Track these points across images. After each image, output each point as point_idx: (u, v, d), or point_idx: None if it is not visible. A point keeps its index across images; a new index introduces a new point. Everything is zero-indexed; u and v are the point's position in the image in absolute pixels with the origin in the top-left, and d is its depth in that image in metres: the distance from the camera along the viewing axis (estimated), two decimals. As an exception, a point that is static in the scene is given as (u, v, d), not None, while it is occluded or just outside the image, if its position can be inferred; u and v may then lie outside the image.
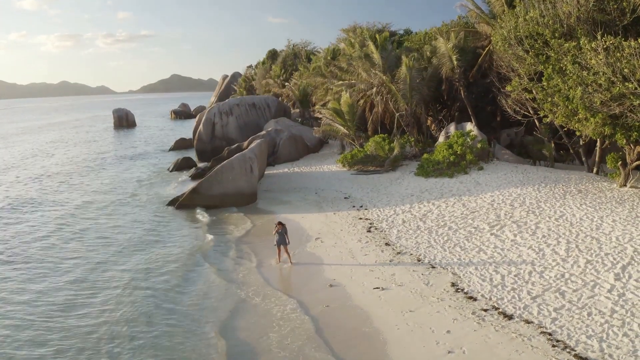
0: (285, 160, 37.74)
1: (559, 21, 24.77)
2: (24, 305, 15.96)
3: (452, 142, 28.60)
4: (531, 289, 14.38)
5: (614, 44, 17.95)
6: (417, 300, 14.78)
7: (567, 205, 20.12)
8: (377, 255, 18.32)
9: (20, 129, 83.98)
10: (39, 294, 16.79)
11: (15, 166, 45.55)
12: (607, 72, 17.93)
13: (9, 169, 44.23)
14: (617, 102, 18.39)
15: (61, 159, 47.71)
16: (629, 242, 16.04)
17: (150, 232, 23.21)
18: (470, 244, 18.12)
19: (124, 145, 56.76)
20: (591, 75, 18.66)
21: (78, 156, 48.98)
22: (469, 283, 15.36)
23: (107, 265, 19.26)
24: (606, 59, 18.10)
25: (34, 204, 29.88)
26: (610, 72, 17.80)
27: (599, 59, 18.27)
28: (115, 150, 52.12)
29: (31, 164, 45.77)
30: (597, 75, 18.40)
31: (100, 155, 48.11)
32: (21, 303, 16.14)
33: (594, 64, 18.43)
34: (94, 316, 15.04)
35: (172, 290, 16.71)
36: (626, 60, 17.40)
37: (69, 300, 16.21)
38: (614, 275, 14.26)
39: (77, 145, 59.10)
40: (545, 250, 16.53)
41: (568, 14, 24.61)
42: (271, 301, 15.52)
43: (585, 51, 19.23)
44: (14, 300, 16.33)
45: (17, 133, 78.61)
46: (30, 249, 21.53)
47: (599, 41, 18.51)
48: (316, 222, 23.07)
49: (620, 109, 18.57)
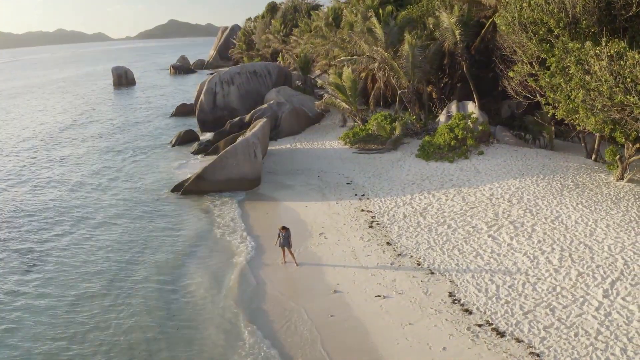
0: (288, 134, 37.95)
1: (564, 10, 24.39)
2: (52, 312, 16.96)
3: (453, 125, 28.80)
4: (523, 303, 15.24)
5: (618, 52, 17.90)
6: (416, 312, 15.68)
7: (564, 204, 20.71)
8: (379, 257, 19.11)
9: (19, 89, 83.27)
10: (69, 297, 17.76)
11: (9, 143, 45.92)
12: (609, 80, 18.00)
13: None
14: (617, 109, 18.57)
15: (61, 132, 47.69)
16: (620, 253, 16.77)
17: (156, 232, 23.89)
18: (468, 246, 18.87)
19: (125, 110, 56.49)
20: (593, 82, 18.72)
21: (79, 127, 48.96)
22: (465, 293, 16.22)
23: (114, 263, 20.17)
24: (609, 66, 18.11)
25: (30, 194, 30.44)
26: (613, 80, 17.87)
27: (602, 65, 18.27)
28: (116, 119, 51.99)
29: (29, 144, 45.75)
30: (600, 82, 18.46)
31: (100, 127, 47.88)
32: (51, 311, 17.13)
33: (597, 70, 18.44)
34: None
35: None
36: (629, 69, 17.43)
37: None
38: (603, 292, 15.07)
39: (77, 110, 58.97)
40: (540, 258, 17.29)
41: (574, 2, 24.22)
42: (278, 308, 16.47)
43: (589, 55, 19.16)
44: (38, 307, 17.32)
45: (15, 94, 78.02)
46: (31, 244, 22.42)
47: (604, 47, 18.44)
48: (319, 213, 23.76)
49: (621, 115, 18.77)
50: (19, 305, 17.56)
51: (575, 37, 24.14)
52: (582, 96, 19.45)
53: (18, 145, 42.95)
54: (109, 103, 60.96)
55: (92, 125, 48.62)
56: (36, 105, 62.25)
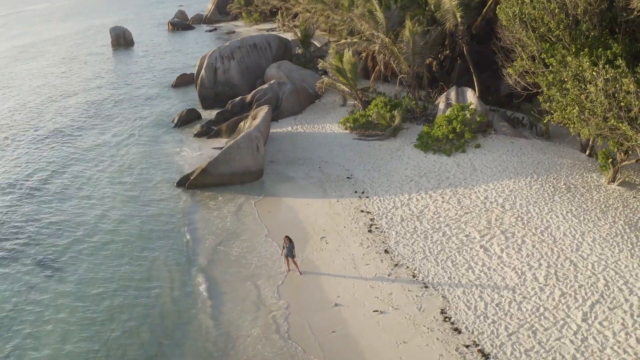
0: (289, 115, 38.30)
1: (565, 11, 24.31)
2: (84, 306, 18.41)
3: (452, 117, 29.27)
4: (508, 324, 16.57)
5: (613, 77, 18.25)
6: (410, 329, 17.07)
7: (554, 213, 21.69)
8: (377, 267, 20.33)
9: (17, 50, 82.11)
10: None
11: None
12: (604, 103, 18.49)
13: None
14: (610, 129, 19.16)
15: (61, 112, 47.42)
16: (603, 272, 17.93)
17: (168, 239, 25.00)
18: (461, 257, 20.03)
19: (125, 80, 55.76)
20: (588, 102, 19.19)
21: (79, 104, 48.73)
22: (456, 310, 17.53)
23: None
24: (605, 87, 18.52)
25: (29, 193, 30.94)
26: (607, 103, 18.36)
27: (598, 87, 18.68)
28: (117, 90, 51.63)
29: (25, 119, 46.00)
30: (594, 104, 18.93)
31: (101, 104, 47.37)
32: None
33: (592, 91, 18.86)
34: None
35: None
36: (623, 94, 17.89)
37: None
38: (582, 315, 16.35)
39: (75, 81, 58.55)
40: (527, 275, 18.49)
41: (575, 3, 24.12)
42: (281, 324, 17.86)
43: (586, 72, 19.49)
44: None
45: (12, 57, 77.04)
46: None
47: (600, 70, 18.76)
48: (321, 212, 24.80)
49: (613, 135, 19.36)
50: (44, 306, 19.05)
51: (575, 39, 24.34)
52: (576, 112, 19.98)
53: (14, 123, 43.41)
54: (109, 71, 60.09)
55: (92, 102, 48.34)
56: (32, 75, 61.42)
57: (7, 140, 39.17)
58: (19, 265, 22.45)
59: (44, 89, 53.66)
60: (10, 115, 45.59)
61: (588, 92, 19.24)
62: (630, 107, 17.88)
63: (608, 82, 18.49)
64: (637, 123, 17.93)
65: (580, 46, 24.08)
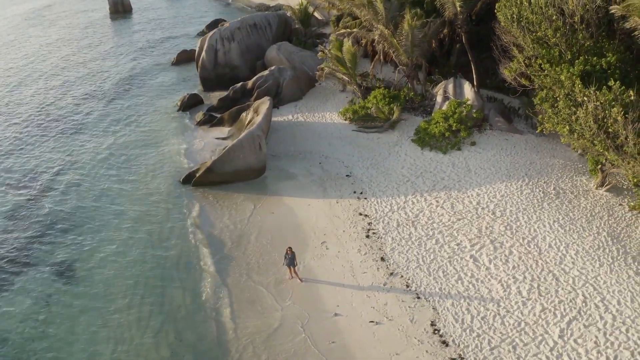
0: (290, 101, 38.82)
1: (563, 18, 24.59)
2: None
3: (448, 114, 29.99)
4: (492, 338, 18.16)
5: (603, 105, 18.97)
6: (402, 341, 18.69)
7: (542, 222, 22.92)
8: (374, 275, 21.80)
9: (14, 18, 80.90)
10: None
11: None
12: (592, 128, 19.30)
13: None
14: (598, 151, 20.08)
15: (60, 94, 47.49)
16: (582, 288, 19.37)
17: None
18: (451, 267, 21.45)
19: (125, 54, 55.78)
20: (578, 125, 19.99)
21: (79, 84, 48.80)
22: (444, 323, 19.10)
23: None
24: (595, 111, 19.29)
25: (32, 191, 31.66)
26: (596, 129, 19.20)
27: (587, 112, 19.43)
28: (117, 67, 51.78)
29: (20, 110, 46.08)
30: (583, 127, 19.74)
31: (101, 84, 47.26)
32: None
33: (582, 116, 19.63)
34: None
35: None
36: (611, 121, 18.69)
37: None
38: (560, 331, 17.90)
39: (74, 56, 58.25)
40: (512, 288, 19.94)
41: (572, 11, 24.39)
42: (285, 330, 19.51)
43: (577, 93, 20.19)
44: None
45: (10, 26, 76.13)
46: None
47: (591, 95, 19.44)
48: (321, 214, 26.04)
49: (601, 156, 20.29)
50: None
51: (571, 46, 24.78)
52: (566, 131, 20.82)
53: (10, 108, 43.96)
54: (108, 47, 59.56)
55: (92, 81, 48.36)
56: (28, 48, 61.13)
57: (6, 129, 40.06)
58: (37, 272, 23.85)
59: (39, 67, 53.76)
60: (7, 96, 46.18)
61: (577, 116, 20.04)
62: (617, 134, 18.75)
63: (598, 107, 19.25)
64: (623, 150, 18.85)
65: (576, 53, 24.64)
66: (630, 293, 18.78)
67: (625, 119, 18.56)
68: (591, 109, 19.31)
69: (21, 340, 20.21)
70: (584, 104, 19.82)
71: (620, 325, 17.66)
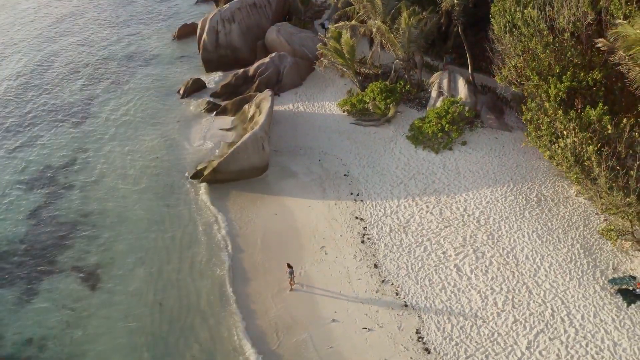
0: (290, 87, 39.93)
1: (553, 33, 25.48)
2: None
3: (441, 114, 31.36)
4: (468, 347, 20.79)
5: (580, 141, 20.50)
6: (391, 347, 21.39)
7: (521, 232, 25.02)
8: (367, 282, 24.25)
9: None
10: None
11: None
12: (570, 160, 20.97)
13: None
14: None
15: (62, 76, 48.33)
16: (551, 301, 21.76)
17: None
18: (437, 276, 23.82)
19: (124, 30, 55.54)
20: (556, 155, 21.62)
21: (82, 67, 49.42)
22: (428, 331, 21.71)
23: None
24: (572, 147, 20.89)
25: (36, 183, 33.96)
26: (573, 160, 20.86)
27: (566, 145, 21.01)
28: (117, 45, 52.00)
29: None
30: (561, 159, 21.40)
31: (102, 66, 47.81)
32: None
33: (561, 146, 21.22)
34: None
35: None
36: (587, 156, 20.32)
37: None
38: (527, 343, 20.48)
39: (74, 38, 57.83)
40: (489, 299, 22.38)
41: (562, 30, 25.26)
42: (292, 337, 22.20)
43: (558, 122, 21.68)
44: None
45: None
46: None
47: (570, 130, 20.90)
48: (321, 218, 28.17)
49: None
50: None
51: (560, 60, 25.86)
52: (547, 157, 22.49)
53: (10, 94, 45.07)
54: (108, 21, 59.00)
55: (96, 62, 48.82)
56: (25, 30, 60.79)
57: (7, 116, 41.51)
58: (62, 277, 26.34)
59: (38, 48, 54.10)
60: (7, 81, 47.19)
61: (557, 146, 21.66)
62: (590, 168, 20.46)
63: (575, 142, 20.83)
64: (596, 183, 20.62)
65: (565, 67, 25.76)
66: (594, 308, 21.20)
67: (600, 156, 20.22)
68: (569, 144, 20.91)
69: (49, 344, 22.93)
70: (563, 137, 21.38)
71: (581, 339, 20.20)
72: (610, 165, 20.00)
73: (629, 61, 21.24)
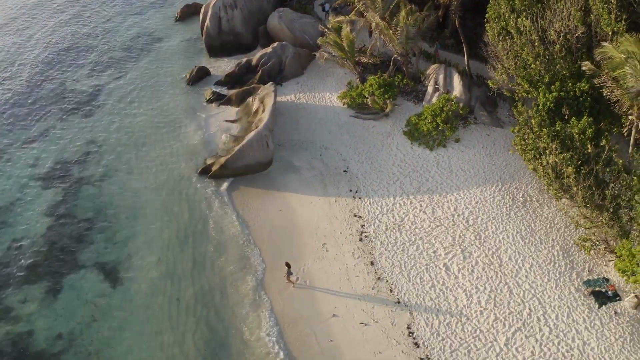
0: (292, 77, 41.12)
1: (544, 45, 26.62)
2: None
3: (436, 112, 32.82)
4: (452, 342, 23.30)
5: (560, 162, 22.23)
6: (384, 341, 23.93)
7: (506, 233, 27.13)
8: (364, 279, 26.58)
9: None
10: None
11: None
12: (551, 176, 22.79)
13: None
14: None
15: (67, 60, 49.14)
16: (529, 301, 24.10)
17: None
18: (427, 275, 26.13)
19: (125, 10, 55.98)
20: (541, 166, 23.38)
21: (86, 52, 50.14)
22: (418, 327, 24.19)
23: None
24: (553, 165, 22.64)
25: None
26: (554, 177, 22.68)
27: (547, 163, 22.75)
28: (120, 26, 52.71)
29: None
30: (542, 173, 23.18)
31: (106, 52, 48.83)
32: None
33: (544, 163, 22.96)
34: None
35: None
36: (565, 176, 22.09)
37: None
38: (505, 339, 22.95)
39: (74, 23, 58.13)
40: (474, 297, 24.73)
41: (552, 42, 26.39)
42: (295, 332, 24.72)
43: (541, 143, 23.35)
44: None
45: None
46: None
47: (553, 150, 22.54)
48: (322, 215, 30.25)
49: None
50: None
51: (549, 70, 27.17)
52: (531, 169, 24.29)
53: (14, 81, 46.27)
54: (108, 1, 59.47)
55: (100, 47, 49.58)
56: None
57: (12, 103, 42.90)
58: (84, 273, 28.56)
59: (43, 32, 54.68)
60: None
61: (540, 162, 23.43)
62: (569, 187, 22.31)
63: (556, 162, 22.57)
64: (574, 200, 22.48)
65: (553, 77, 27.12)
66: (568, 309, 23.56)
67: (578, 174, 22.02)
68: (551, 162, 22.66)
69: (77, 338, 25.39)
70: (546, 154, 23.10)
71: (554, 338, 22.67)
72: (587, 184, 21.84)
73: (613, 83, 22.64)
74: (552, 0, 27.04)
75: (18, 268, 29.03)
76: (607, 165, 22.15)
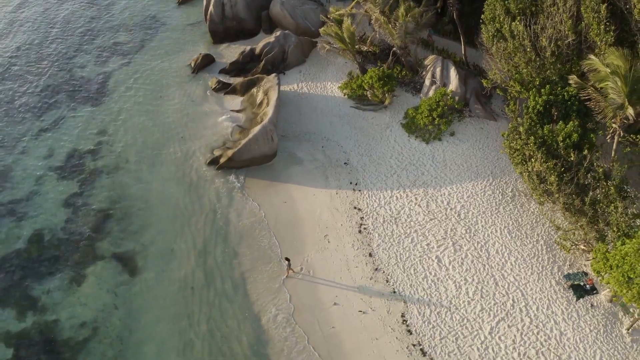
0: (294, 65, 42.31)
1: (536, 50, 27.82)
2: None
3: (432, 107, 34.25)
4: (442, 330, 25.73)
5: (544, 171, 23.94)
6: (380, 329, 26.37)
7: (495, 227, 29.15)
8: (363, 270, 28.82)
9: None
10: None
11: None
12: (535, 182, 24.58)
13: None
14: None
15: (70, 46, 49.66)
16: (513, 293, 26.36)
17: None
18: (421, 266, 28.34)
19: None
20: (526, 172, 25.14)
21: (90, 37, 50.57)
22: (411, 315, 26.58)
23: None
24: (538, 171, 24.38)
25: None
26: (538, 183, 24.46)
27: (532, 170, 24.48)
28: (123, 11, 53.19)
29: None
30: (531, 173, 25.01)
31: (110, 39, 49.37)
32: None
33: (530, 170, 24.70)
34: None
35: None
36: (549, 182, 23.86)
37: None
38: (490, 328, 25.33)
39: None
40: (462, 288, 26.99)
41: (544, 47, 27.57)
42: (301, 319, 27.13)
43: (528, 148, 25.01)
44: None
45: None
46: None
47: (538, 158, 24.21)
48: (324, 207, 32.30)
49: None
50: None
51: (540, 74, 28.50)
52: (518, 171, 26.04)
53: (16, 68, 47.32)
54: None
55: (104, 33, 50.26)
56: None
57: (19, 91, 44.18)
58: (104, 264, 30.75)
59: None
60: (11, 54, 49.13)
61: (526, 168, 25.19)
62: (551, 191, 24.13)
63: (540, 170, 24.31)
64: (556, 204, 24.33)
65: (544, 81, 28.47)
66: (548, 301, 25.84)
67: (561, 180, 23.78)
68: (536, 169, 24.40)
69: (100, 325, 27.79)
70: (532, 161, 24.82)
71: (534, 328, 25.05)
72: (568, 192, 23.67)
73: (598, 96, 24.08)
74: (546, 5, 28.08)
75: (41, 259, 31.32)
76: (588, 172, 23.90)
